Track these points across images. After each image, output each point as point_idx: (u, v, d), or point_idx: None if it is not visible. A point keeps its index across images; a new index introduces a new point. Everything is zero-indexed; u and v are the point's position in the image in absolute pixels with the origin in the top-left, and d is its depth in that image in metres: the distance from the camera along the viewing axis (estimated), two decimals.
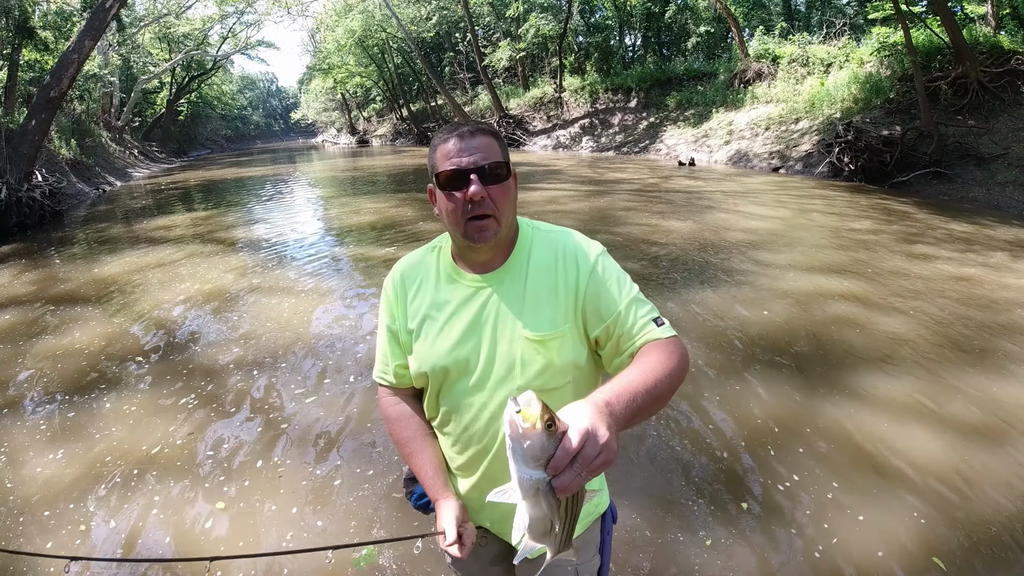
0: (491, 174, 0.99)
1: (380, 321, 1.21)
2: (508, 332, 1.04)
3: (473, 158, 0.98)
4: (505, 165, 1.02)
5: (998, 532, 2.10)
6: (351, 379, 3.48)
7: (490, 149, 1.00)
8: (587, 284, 1.04)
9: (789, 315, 4.22)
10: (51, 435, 2.96)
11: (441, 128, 1.07)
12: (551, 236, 1.11)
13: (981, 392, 3.07)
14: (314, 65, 40.59)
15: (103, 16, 11.03)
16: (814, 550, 2.05)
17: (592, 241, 1.11)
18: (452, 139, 1.01)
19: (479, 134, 1.01)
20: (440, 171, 1.01)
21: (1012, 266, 5.31)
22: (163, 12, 28.31)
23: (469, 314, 1.07)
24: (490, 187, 0.99)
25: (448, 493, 1.12)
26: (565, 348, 1.03)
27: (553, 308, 1.04)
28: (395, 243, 7.05)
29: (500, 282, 1.07)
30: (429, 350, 1.09)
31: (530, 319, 1.03)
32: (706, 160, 15.80)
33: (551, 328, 1.03)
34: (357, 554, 2.03)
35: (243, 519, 2.30)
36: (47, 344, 4.18)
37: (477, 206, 0.98)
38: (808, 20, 23.45)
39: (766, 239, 6.59)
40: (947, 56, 11.43)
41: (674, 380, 0.92)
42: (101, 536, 2.22)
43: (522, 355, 1.03)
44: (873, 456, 2.55)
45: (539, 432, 0.66)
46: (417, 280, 1.15)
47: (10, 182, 9.28)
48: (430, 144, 1.07)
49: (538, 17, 22.96)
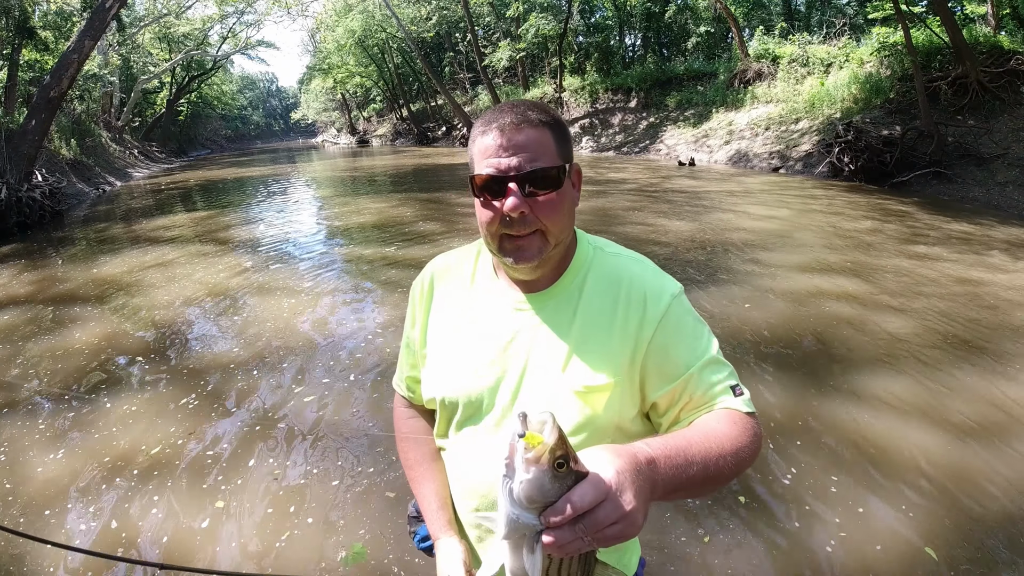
0: (539, 180, 0.79)
1: (405, 330, 1.06)
2: (543, 372, 0.84)
3: (515, 160, 0.78)
4: (559, 169, 0.81)
5: (996, 528, 2.10)
6: (351, 378, 3.48)
7: (540, 147, 0.79)
8: (654, 334, 0.82)
9: (789, 314, 4.22)
10: (50, 435, 2.96)
11: (485, 112, 0.85)
12: (616, 261, 0.89)
13: (981, 390, 3.07)
14: (314, 65, 40.63)
15: (103, 16, 11.04)
16: (812, 545, 2.05)
17: (668, 277, 0.89)
18: (492, 131, 0.80)
19: (527, 126, 0.79)
20: (474, 173, 0.82)
21: (1012, 266, 5.31)
22: (163, 12, 28.33)
23: (498, 340, 0.88)
24: (536, 198, 0.79)
25: (451, 531, 0.94)
26: (612, 404, 0.83)
27: (605, 353, 0.83)
28: (395, 243, 7.05)
29: (543, 307, 0.87)
30: (442, 375, 0.93)
31: (574, 362, 0.83)
32: (706, 160, 15.81)
33: (600, 378, 0.82)
34: (346, 552, 2.04)
35: (241, 517, 2.30)
36: (47, 344, 4.18)
37: (516, 223, 0.80)
38: (808, 20, 23.45)
39: (766, 239, 6.59)
40: (947, 56, 11.43)
41: (741, 463, 0.74)
42: (100, 535, 2.22)
43: (556, 404, 0.82)
44: (872, 452, 2.55)
45: (544, 468, 0.52)
46: (448, 286, 0.97)
47: (10, 182, 9.28)
48: (471, 130, 0.86)
49: (538, 17, 22.96)
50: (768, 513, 2.23)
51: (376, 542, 2.15)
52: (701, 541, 2.11)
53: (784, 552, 2.05)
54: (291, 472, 2.59)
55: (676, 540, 2.12)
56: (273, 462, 2.67)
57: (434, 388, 0.94)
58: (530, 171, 0.78)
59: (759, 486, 2.39)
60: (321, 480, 2.53)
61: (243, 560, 2.07)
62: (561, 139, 0.82)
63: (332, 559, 2.07)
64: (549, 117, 0.82)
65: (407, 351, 1.04)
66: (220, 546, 2.15)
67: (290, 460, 2.68)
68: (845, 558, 2.00)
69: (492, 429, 0.87)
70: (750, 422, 0.80)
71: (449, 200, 10.62)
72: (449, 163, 19.12)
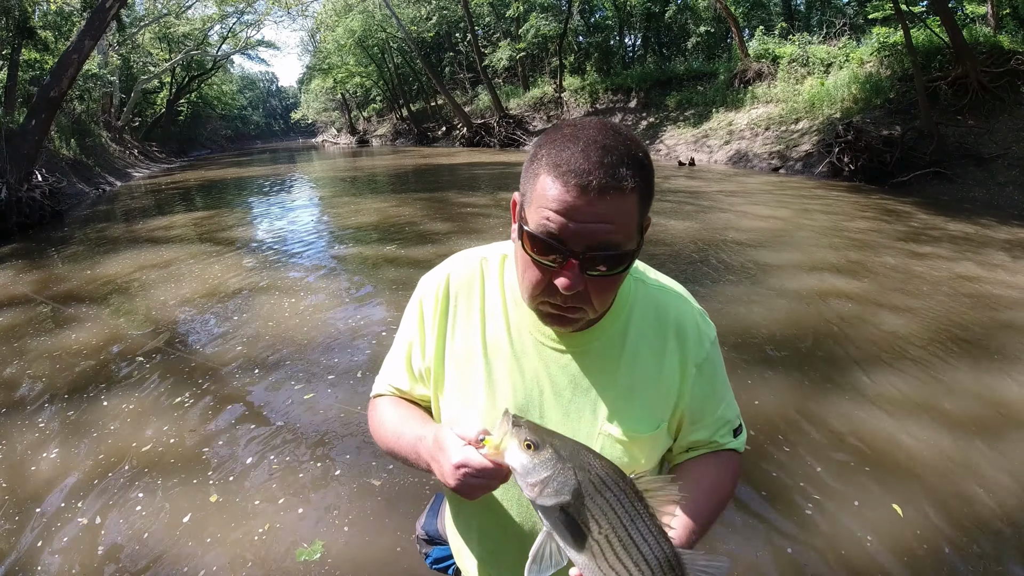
0: (603, 261, 0.66)
1: (402, 330, 0.94)
2: (585, 421, 0.77)
3: (589, 231, 0.63)
4: (633, 252, 0.68)
5: (996, 526, 2.10)
6: (351, 377, 3.48)
7: (621, 221, 0.64)
8: (694, 383, 0.79)
9: (788, 313, 4.22)
10: (50, 434, 2.96)
11: (564, 132, 0.67)
12: (660, 297, 0.81)
13: (980, 389, 3.07)
14: (314, 65, 40.65)
15: (103, 16, 11.04)
16: (812, 544, 2.05)
17: (706, 318, 0.84)
18: (572, 186, 0.62)
19: (615, 194, 0.62)
20: (530, 220, 0.67)
21: (1012, 266, 5.31)
22: (163, 12, 28.34)
23: (530, 382, 0.79)
24: (596, 278, 0.67)
25: None
26: (655, 451, 0.80)
27: (652, 399, 0.77)
28: (395, 242, 7.05)
29: (586, 349, 0.78)
30: (468, 411, 0.82)
31: (620, 409, 0.76)
32: (706, 160, 15.81)
33: (647, 427, 0.77)
34: (305, 546, 2.05)
35: (239, 517, 2.30)
36: (47, 344, 4.18)
37: (565, 299, 0.69)
38: (808, 20, 23.46)
39: (766, 239, 6.59)
40: (947, 56, 11.43)
41: (723, 507, 0.83)
42: (99, 534, 2.22)
43: (600, 451, 0.75)
44: (872, 450, 2.55)
45: (512, 453, 0.58)
46: (467, 304, 0.84)
47: (10, 182, 9.28)
48: (536, 147, 0.70)
49: (538, 17, 22.99)
50: (767, 510, 2.23)
51: (361, 542, 2.14)
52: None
53: (783, 550, 2.05)
54: (290, 470, 2.59)
55: None
56: (272, 459, 2.67)
57: (460, 423, 0.84)
58: (600, 253, 0.65)
59: (758, 484, 2.39)
60: (322, 478, 2.53)
61: (234, 556, 2.07)
62: (645, 201, 0.67)
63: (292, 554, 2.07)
64: (641, 176, 0.65)
65: (406, 360, 0.92)
66: (219, 545, 2.15)
67: (290, 459, 2.68)
68: (845, 556, 2.00)
69: None
70: (736, 459, 0.87)
71: (449, 200, 10.62)
72: (449, 163, 19.11)
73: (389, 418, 0.88)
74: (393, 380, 0.96)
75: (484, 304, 0.84)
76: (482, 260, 0.86)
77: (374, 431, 0.91)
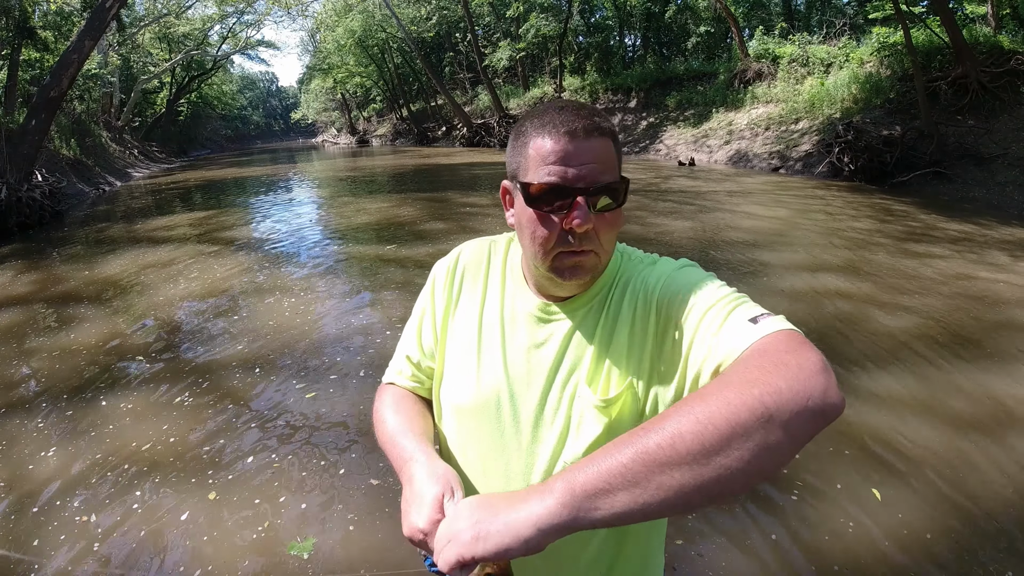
0: (604, 192, 0.72)
1: (416, 307, 0.97)
2: (568, 384, 0.80)
3: (586, 171, 0.71)
4: (624, 184, 0.74)
5: (995, 524, 2.10)
6: (351, 376, 3.48)
7: (607, 158, 0.72)
8: (659, 292, 0.76)
9: (789, 312, 4.18)
10: (49, 434, 2.96)
11: (538, 109, 0.76)
12: (635, 268, 0.83)
13: (981, 388, 3.07)
14: (314, 65, 40.70)
15: (103, 16, 11.04)
16: (812, 542, 2.05)
17: (680, 260, 0.84)
18: (557, 135, 0.71)
19: (596, 134, 0.71)
20: (532, 180, 0.73)
21: (1012, 266, 5.31)
22: (163, 12, 28.35)
23: (521, 347, 0.83)
24: (601, 216, 0.73)
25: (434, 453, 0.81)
26: (633, 406, 0.77)
27: (623, 359, 0.78)
28: (395, 242, 7.05)
29: (572, 315, 0.82)
30: (462, 379, 0.87)
31: (598, 373, 0.79)
32: (706, 160, 15.81)
33: (615, 388, 0.77)
34: (299, 540, 2.05)
35: (239, 515, 2.30)
36: (47, 344, 4.18)
37: (579, 240, 0.73)
38: (808, 20, 23.47)
39: (766, 239, 6.59)
40: (947, 56, 11.43)
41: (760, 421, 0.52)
42: (97, 532, 2.22)
43: (579, 417, 0.78)
44: (871, 448, 2.55)
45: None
46: (475, 281, 0.91)
47: (10, 182, 9.29)
48: (518, 127, 0.78)
49: (538, 17, 23.00)
50: (767, 508, 2.23)
51: (361, 540, 2.15)
52: (699, 536, 2.11)
53: (783, 547, 2.05)
54: (288, 469, 2.59)
55: (672, 540, 2.11)
56: (273, 458, 2.67)
57: (451, 393, 0.88)
58: (601, 183, 0.71)
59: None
60: (319, 476, 2.53)
61: (232, 554, 2.07)
62: (619, 152, 0.76)
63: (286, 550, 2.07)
64: (611, 125, 0.75)
65: (417, 333, 0.95)
66: (217, 543, 2.15)
67: (290, 458, 2.68)
68: (844, 554, 2.00)
69: (511, 436, 0.82)
70: (784, 339, 0.60)
71: (449, 199, 10.62)
72: (449, 163, 19.11)
73: (390, 420, 0.91)
74: (406, 352, 0.98)
75: (487, 281, 0.90)
76: (491, 242, 0.94)
77: (375, 423, 0.94)
